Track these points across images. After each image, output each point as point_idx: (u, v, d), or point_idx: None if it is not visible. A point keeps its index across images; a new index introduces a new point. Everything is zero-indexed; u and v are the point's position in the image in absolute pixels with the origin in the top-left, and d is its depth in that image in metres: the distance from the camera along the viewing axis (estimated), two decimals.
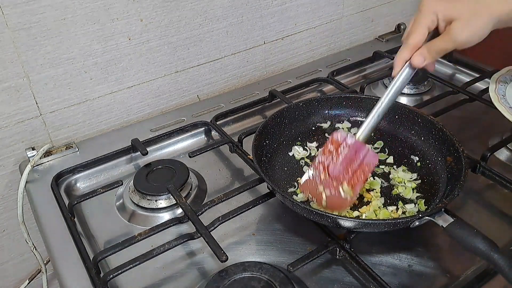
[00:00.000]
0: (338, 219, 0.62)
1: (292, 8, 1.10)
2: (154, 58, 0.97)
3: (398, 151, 0.81)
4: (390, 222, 0.64)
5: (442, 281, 0.64)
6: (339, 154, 0.66)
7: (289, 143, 0.84)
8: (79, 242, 0.70)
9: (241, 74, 1.13)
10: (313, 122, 0.88)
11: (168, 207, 0.77)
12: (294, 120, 0.86)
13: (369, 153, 0.67)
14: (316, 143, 0.84)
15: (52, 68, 0.86)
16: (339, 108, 0.89)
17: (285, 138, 0.85)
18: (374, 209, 0.71)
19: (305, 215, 0.66)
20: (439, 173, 0.75)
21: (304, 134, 0.86)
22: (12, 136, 0.89)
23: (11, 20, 0.79)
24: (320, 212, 0.63)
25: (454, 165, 0.72)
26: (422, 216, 0.62)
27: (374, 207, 0.71)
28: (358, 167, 0.66)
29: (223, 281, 0.61)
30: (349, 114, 0.89)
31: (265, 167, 0.77)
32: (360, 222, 0.65)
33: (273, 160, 0.81)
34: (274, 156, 0.81)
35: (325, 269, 0.66)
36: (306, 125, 0.87)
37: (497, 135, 0.88)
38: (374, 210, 0.70)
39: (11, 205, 0.95)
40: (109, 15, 0.87)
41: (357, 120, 0.88)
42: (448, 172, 0.74)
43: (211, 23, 1.01)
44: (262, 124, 0.80)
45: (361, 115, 0.87)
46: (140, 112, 1.02)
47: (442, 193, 0.72)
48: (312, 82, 1.07)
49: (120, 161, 0.89)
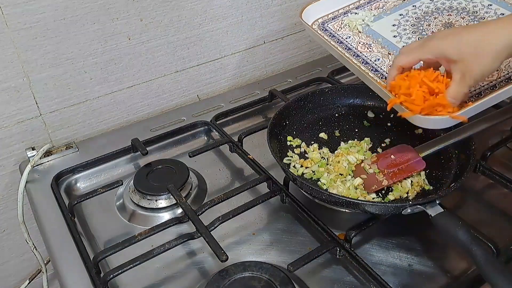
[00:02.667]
0: (331, 197, 0.68)
1: (292, 7, 1.10)
2: (154, 58, 0.97)
3: (416, 144, 0.81)
4: (381, 205, 0.66)
5: (443, 280, 0.64)
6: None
7: (312, 128, 0.87)
8: (79, 242, 0.70)
9: (241, 74, 1.13)
10: (337, 109, 0.90)
11: (168, 207, 0.77)
12: (318, 105, 0.89)
13: (418, 160, 0.75)
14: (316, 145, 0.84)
15: (52, 68, 0.86)
16: (364, 98, 0.90)
17: (307, 122, 0.87)
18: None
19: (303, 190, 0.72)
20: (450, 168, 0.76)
21: (326, 119, 0.89)
22: (12, 136, 0.89)
23: (11, 20, 0.79)
24: (316, 189, 0.69)
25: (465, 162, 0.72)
26: (414, 204, 0.63)
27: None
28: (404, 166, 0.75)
29: (223, 281, 0.61)
30: (373, 104, 0.90)
31: (278, 149, 0.80)
32: (348, 201, 0.67)
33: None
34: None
35: (325, 268, 0.66)
36: (329, 111, 0.90)
37: (497, 135, 0.87)
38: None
39: (11, 205, 0.95)
40: (109, 15, 0.87)
41: (380, 110, 0.88)
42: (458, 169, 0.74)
43: (211, 23, 1.01)
44: (283, 105, 0.85)
45: (386, 106, 0.88)
46: (140, 112, 1.02)
47: (446, 187, 0.73)
48: (312, 81, 1.07)
49: (120, 161, 0.89)
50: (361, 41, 0.85)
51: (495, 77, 0.71)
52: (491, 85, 0.70)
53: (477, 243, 0.58)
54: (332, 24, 0.90)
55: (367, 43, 0.84)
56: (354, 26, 0.88)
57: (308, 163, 0.79)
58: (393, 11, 0.90)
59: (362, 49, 0.83)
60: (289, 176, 0.73)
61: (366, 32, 0.87)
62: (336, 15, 0.92)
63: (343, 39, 0.86)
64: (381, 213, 0.68)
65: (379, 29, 0.86)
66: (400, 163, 0.75)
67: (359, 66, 0.79)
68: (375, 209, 0.67)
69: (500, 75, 0.70)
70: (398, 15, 0.88)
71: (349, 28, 0.88)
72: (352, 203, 0.67)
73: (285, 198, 0.76)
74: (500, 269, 0.55)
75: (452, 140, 0.74)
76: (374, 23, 0.88)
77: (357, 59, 0.81)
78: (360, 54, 0.82)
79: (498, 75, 0.71)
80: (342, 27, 0.89)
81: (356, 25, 0.88)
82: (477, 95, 0.70)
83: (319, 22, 0.91)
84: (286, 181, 0.76)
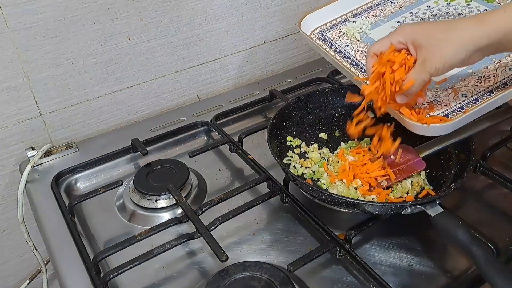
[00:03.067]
0: (331, 197, 0.68)
1: (292, 7, 1.10)
2: (154, 58, 0.97)
3: (416, 144, 0.81)
4: (381, 205, 0.66)
5: (443, 280, 0.64)
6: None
7: (312, 128, 0.87)
8: (79, 242, 0.70)
9: (241, 74, 1.13)
10: (337, 109, 0.90)
11: (168, 207, 0.77)
12: (318, 105, 0.89)
13: (418, 161, 0.75)
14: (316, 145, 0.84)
15: (52, 68, 0.86)
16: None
17: (307, 122, 0.87)
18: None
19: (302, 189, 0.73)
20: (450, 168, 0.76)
21: (326, 120, 0.89)
22: (12, 136, 0.89)
23: (11, 20, 0.79)
24: (316, 189, 0.69)
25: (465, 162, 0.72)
26: (414, 204, 0.63)
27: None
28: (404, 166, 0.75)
29: (223, 280, 0.61)
30: (372, 104, 0.89)
31: (277, 149, 0.80)
32: (348, 201, 0.67)
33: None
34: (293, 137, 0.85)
35: (325, 268, 0.66)
36: (329, 111, 0.89)
37: (497, 135, 0.87)
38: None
39: (11, 205, 0.95)
40: (109, 15, 0.87)
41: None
42: (458, 169, 0.74)
43: (211, 22, 1.01)
44: (283, 105, 0.85)
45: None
46: (140, 112, 1.02)
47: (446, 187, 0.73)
48: (312, 81, 1.07)
49: (120, 161, 0.89)
50: (359, 50, 0.85)
51: (491, 82, 0.71)
52: (487, 90, 0.70)
53: (477, 243, 0.58)
54: (330, 33, 0.90)
55: (365, 52, 0.84)
56: (352, 35, 0.88)
57: (308, 163, 0.79)
58: (390, 18, 0.90)
59: (360, 58, 0.83)
60: (289, 176, 0.73)
61: (364, 40, 0.87)
62: (334, 24, 0.92)
63: (342, 48, 0.86)
64: (381, 213, 0.68)
65: (377, 37, 0.86)
66: (400, 163, 0.75)
67: (357, 75, 0.79)
68: (375, 209, 0.67)
69: (497, 81, 0.71)
70: (395, 22, 0.89)
71: (347, 36, 0.88)
72: (352, 203, 0.67)
73: (285, 198, 0.76)
74: (500, 269, 0.55)
75: (452, 140, 0.74)
76: (372, 31, 0.88)
77: (355, 68, 0.81)
78: (359, 63, 0.82)
79: (495, 81, 0.71)
80: (340, 36, 0.89)
81: (354, 34, 0.88)
82: (474, 101, 0.70)
83: (318, 31, 0.91)
84: (286, 181, 0.76)
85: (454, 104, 0.71)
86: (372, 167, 0.75)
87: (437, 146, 0.75)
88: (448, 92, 0.73)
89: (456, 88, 0.73)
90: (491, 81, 0.71)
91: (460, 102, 0.71)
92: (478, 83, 0.72)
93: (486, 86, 0.71)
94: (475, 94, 0.71)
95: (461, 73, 0.75)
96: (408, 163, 0.74)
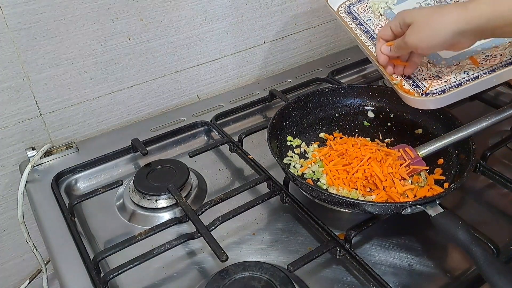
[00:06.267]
0: (331, 197, 0.68)
1: (292, 7, 1.10)
2: (154, 58, 0.97)
3: (416, 144, 0.81)
4: (381, 205, 0.66)
5: (443, 280, 0.64)
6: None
7: (312, 128, 0.87)
8: (79, 242, 0.70)
9: (241, 74, 1.13)
10: (337, 109, 0.90)
11: (168, 207, 0.77)
12: (318, 105, 0.89)
13: (418, 160, 0.75)
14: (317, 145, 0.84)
15: (52, 68, 0.86)
16: (364, 98, 0.90)
17: (307, 122, 0.88)
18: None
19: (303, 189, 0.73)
20: (450, 168, 0.76)
21: (326, 120, 0.89)
22: (12, 136, 0.89)
23: (11, 20, 0.79)
24: (316, 189, 0.69)
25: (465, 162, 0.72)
26: (414, 204, 0.63)
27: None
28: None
29: (223, 280, 0.61)
30: (373, 104, 0.90)
31: (278, 148, 0.80)
32: (348, 201, 0.67)
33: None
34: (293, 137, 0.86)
35: (326, 268, 0.66)
36: (329, 111, 0.90)
37: (497, 135, 0.88)
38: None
39: (11, 205, 0.95)
40: (109, 15, 0.87)
41: (380, 110, 0.89)
42: (458, 169, 0.74)
43: (211, 22, 1.01)
44: (283, 105, 0.85)
45: (386, 106, 0.89)
46: (140, 112, 1.02)
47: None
48: (312, 81, 1.07)
49: (120, 161, 0.89)
50: (380, 24, 0.86)
51: (496, 61, 0.71)
52: (490, 69, 0.70)
53: (477, 243, 0.58)
54: (357, 6, 0.91)
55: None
56: (376, 9, 0.89)
57: (308, 163, 0.79)
58: None
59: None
60: (289, 176, 0.73)
61: (387, 15, 0.87)
62: None
63: (364, 22, 0.87)
64: (381, 213, 0.68)
65: None
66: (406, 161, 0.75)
67: (372, 49, 0.81)
68: (375, 209, 0.67)
69: (502, 60, 0.70)
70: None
71: (371, 10, 0.89)
72: (352, 203, 0.67)
73: (285, 198, 0.76)
74: (500, 269, 0.55)
75: (452, 140, 0.74)
76: (397, 6, 0.88)
77: (371, 42, 0.82)
78: (376, 37, 0.83)
79: (500, 60, 0.71)
80: (366, 10, 0.89)
81: (378, 8, 0.89)
82: (474, 78, 0.70)
83: (346, 4, 0.92)
84: (286, 181, 0.76)
85: (453, 81, 0.71)
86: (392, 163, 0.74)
87: (437, 146, 0.75)
88: (452, 69, 0.73)
89: (461, 65, 0.73)
90: (496, 60, 0.71)
91: (460, 79, 0.70)
92: (483, 62, 0.72)
93: (490, 65, 0.71)
94: (476, 72, 0.71)
95: (469, 51, 0.75)
96: (409, 163, 0.74)
